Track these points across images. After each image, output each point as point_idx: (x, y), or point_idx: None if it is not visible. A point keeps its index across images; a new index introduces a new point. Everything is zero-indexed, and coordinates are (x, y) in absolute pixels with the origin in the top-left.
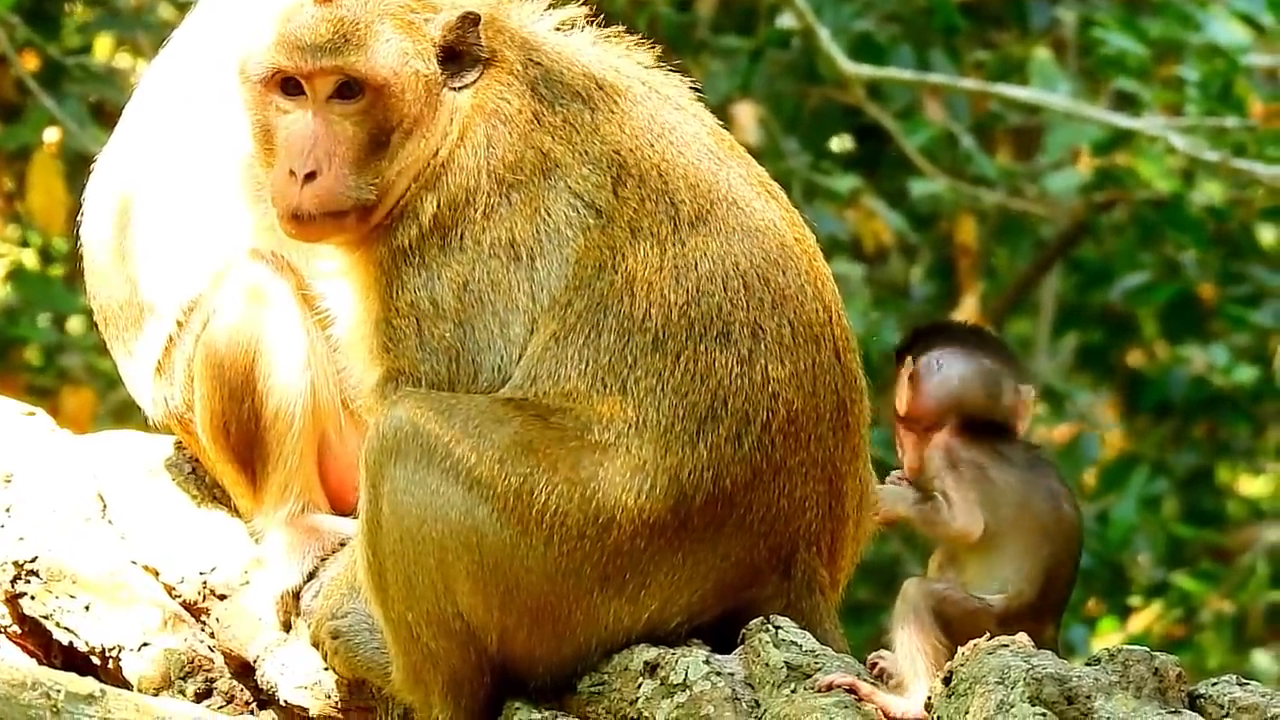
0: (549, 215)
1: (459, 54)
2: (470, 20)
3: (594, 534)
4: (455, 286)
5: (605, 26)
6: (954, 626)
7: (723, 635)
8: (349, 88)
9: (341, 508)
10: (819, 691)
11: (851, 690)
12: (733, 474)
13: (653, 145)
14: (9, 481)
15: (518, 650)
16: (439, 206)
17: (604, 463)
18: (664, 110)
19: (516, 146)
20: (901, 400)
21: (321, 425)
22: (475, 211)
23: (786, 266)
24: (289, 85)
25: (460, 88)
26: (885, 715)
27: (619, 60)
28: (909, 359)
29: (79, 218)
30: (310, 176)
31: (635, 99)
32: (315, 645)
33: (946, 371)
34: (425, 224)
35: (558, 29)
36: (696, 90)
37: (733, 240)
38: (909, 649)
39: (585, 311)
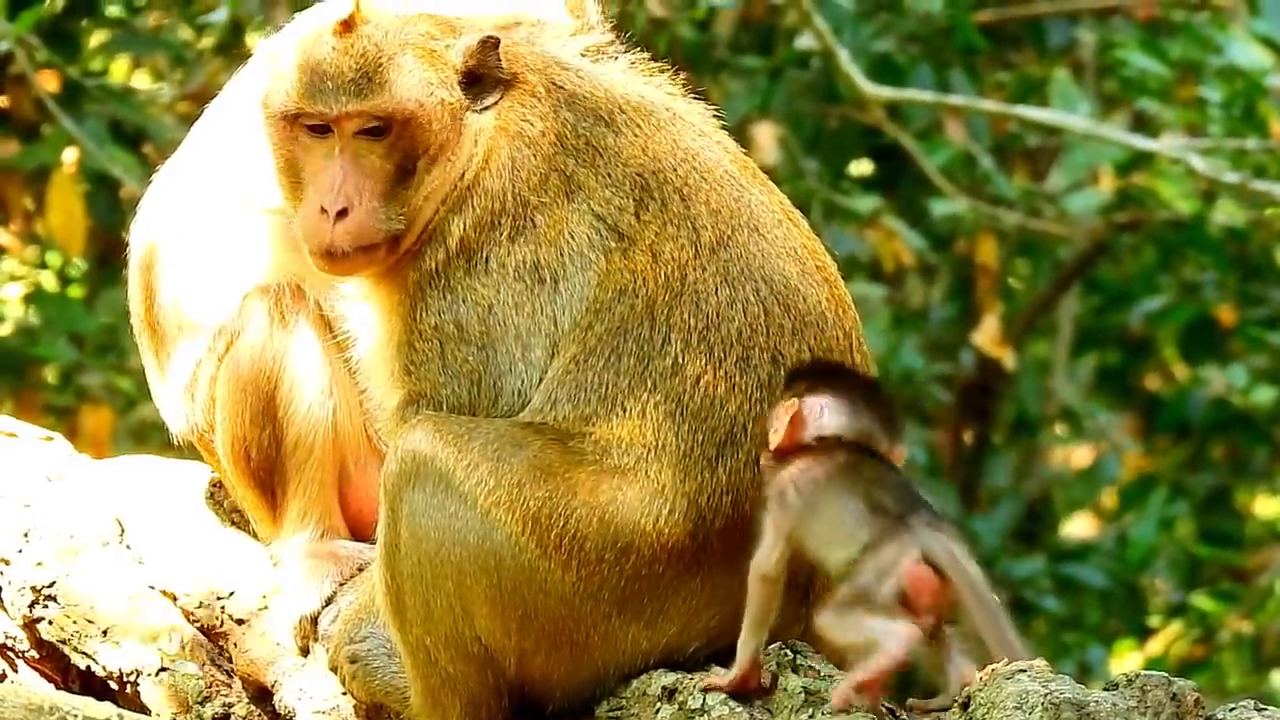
0: (572, 238)
1: (480, 77)
2: (491, 44)
3: (612, 558)
4: (480, 310)
5: (627, 48)
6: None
7: None
8: (376, 125)
9: (361, 533)
10: (836, 713)
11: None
12: (751, 499)
13: (675, 170)
14: (27, 507)
15: (535, 674)
16: (465, 229)
17: (623, 487)
18: (687, 135)
19: (540, 169)
20: (776, 433)
21: (342, 453)
22: (501, 234)
23: (807, 293)
24: (315, 124)
25: (483, 109)
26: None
27: (643, 86)
28: (794, 396)
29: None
30: (342, 214)
31: (658, 124)
32: (333, 669)
33: (825, 421)
34: (452, 247)
35: (583, 54)
36: (719, 116)
37: (753, 266)
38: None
39: (606, 335)
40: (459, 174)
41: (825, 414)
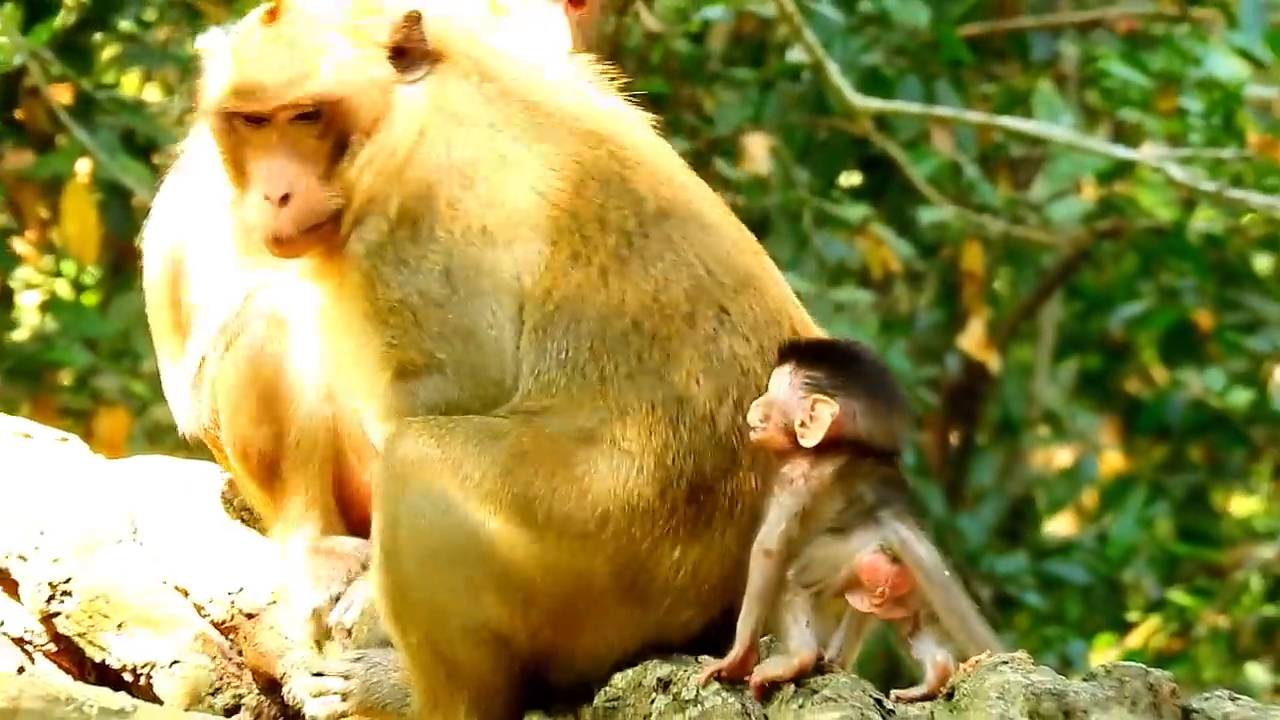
0: (516, 207)
1: (408, 51)
2: (414, 18)
3: (595, 529)
4: (437, 273)
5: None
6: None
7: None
8: (309, 111)
9: (366, 529)
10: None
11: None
12: (712, 460)
13: (606, 145)
14: (44, 505)
15: (546, 649)
16: (404, 198)
17: (593, 455)
18: (616, 119)
19: (473, 144)
20: (809, 430)
21: (342, 451)
22: (439, 203)
23: (745, 257)
24: (251, 116)
25: (413, 81)
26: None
27: (559, 66)
28: (821, 392)
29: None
30: (284, 199)
31: (587, 102)
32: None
33: (858, 426)
34: (392, 217)
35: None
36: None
37: (693, 232)
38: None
39: (564, 302)
40: (393, 146)
41: (858, 419)
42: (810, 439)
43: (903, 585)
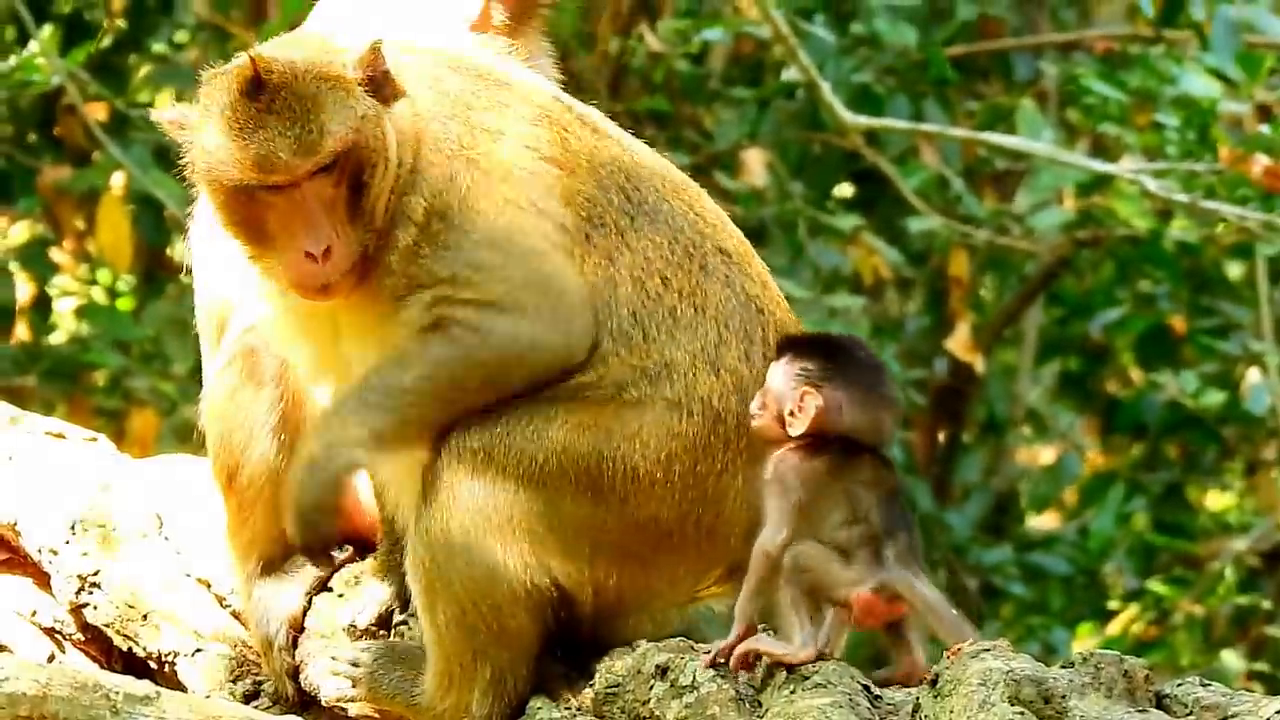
0: (522, 169)
1: (377, 78)
2: (376, 47)
3: (662, 476)
4: (482, 245)
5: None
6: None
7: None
8: (326, 165)
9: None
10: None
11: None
12: (751, 394)
13: (569, 110)
14: (74, 502)
15: (611, 599)
16: (425, 198)
17: (645, 413)
18: (541, 81)
19: (462, 129)
20: (796, 420)
21: None
22: (460, 188)
23: (722, 217)
24: (273, 186)
25: (393, 104)
26: (782, 662)
27: (478, 44)
28: (810, 382)
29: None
30: (326, 252)
31: (515, 69)
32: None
33: (842, 418)
34: (419, 219)
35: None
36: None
37: (670, 184)
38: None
39: (597, 269)
40: (396, 164)
41: (844, 411)
42: (796, 428)
43: (894, 615)
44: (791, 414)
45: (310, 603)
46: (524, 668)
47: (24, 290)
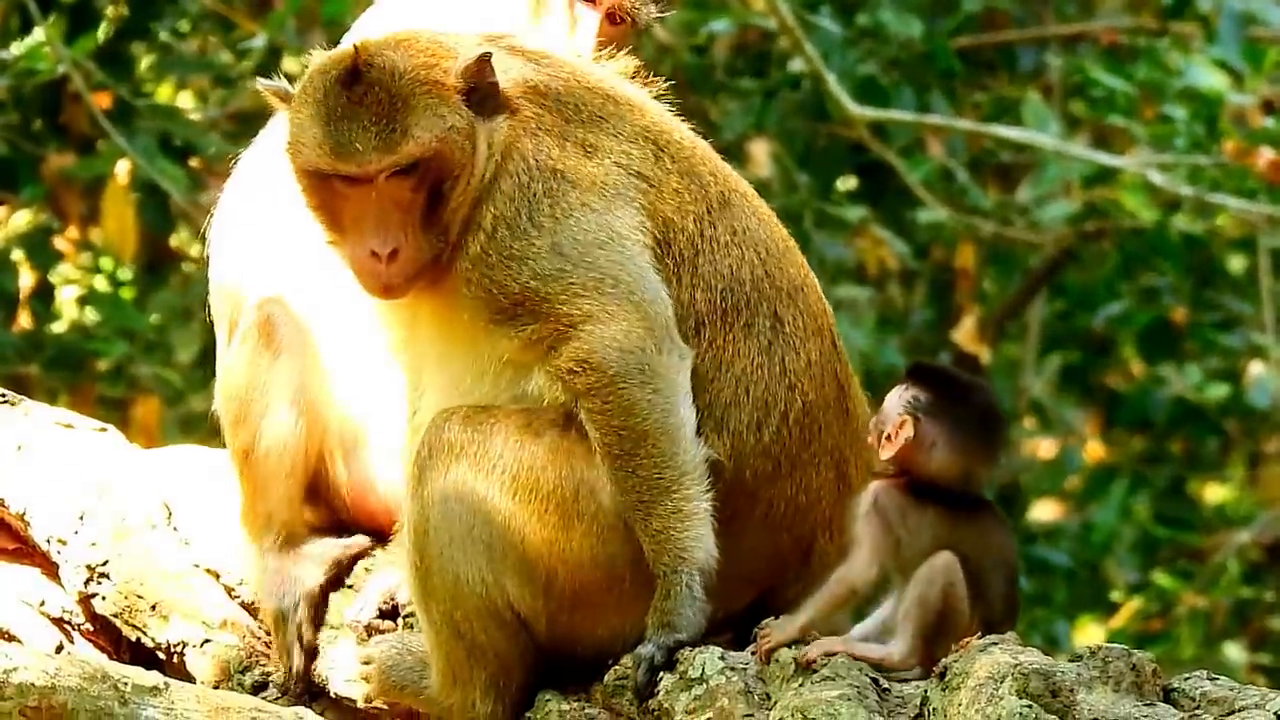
0: (606, 183)
1: (480, 89)
2: (485, 59)
3: (625, 525)
4: (547, 252)
5: (634, 69)
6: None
7: (748, 621)
8: (405, 168)
9: (359, 524)
10: (806, 665)
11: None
12: (753, 466)
13: (671, 134)
14: (83, 492)
15: (562, 633)
16: (496, 206)
17: None
18: (663, 113)
19: (558, 141)
20: (887, 446)
21: (325, 456)
22: (533, 197)
23: (793, 257)
24: (349, 177)
25: (490, 116)
26: (882, 664)
27: (600, 65)
28: (913, 410)
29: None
30: (392, 254)
31: (640, 100)
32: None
33: (931, 457)
34: (488, 227)
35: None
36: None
37: (753, 226)
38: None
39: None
40: (480, 177)
41: (935, 450)
42: (885, 452)
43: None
44: (889, 438)
45: (332, 582)
46: (518, 671)
47: (26, 279)
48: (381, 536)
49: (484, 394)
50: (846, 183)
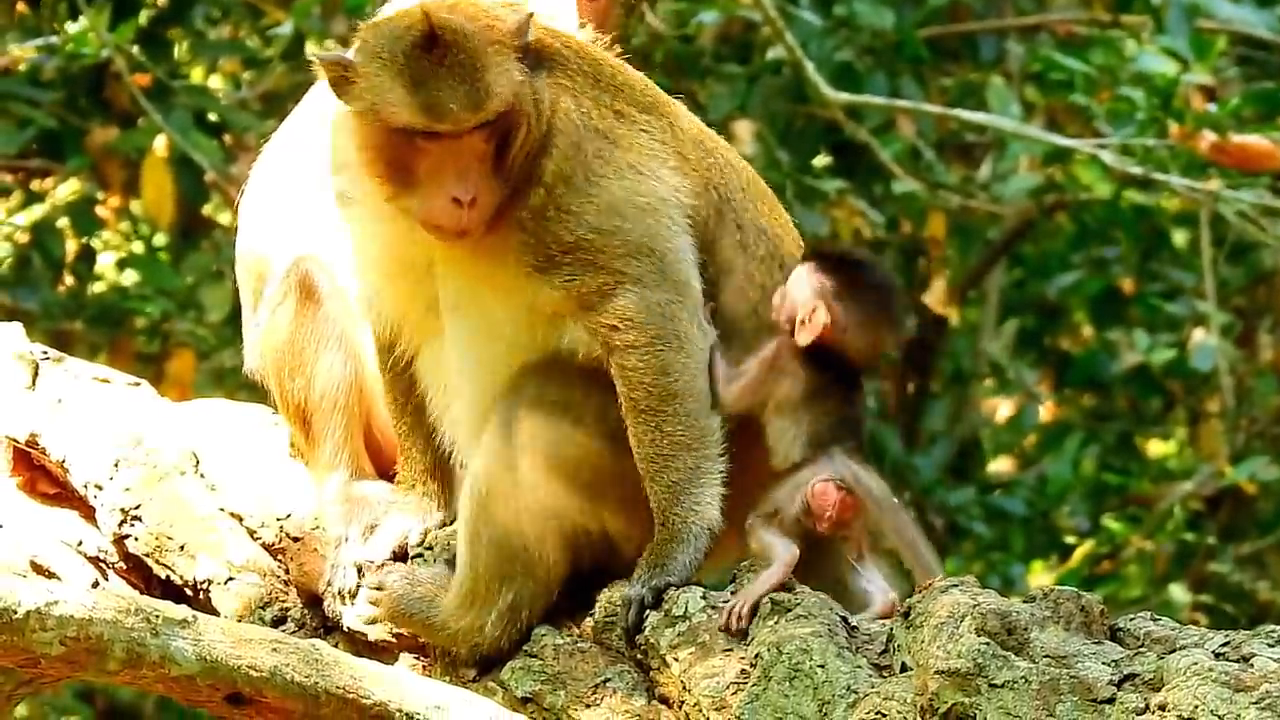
0: (646, 146)
1: (527, 48)
2: (530, 17)
3: None
4: (604, 209)
5: (626, 56)
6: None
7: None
8: (486, 122)
9: (386, 472)
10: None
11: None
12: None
13: (673, 106)
14: (117, 441)
15: (619, 533)
16: (555, 163)
17: None
18: (652, 84)
19: (594, 103)
20: (806, 329)
21: (368, 404)
22: (587, 156)
23: (793, 235)
24: (437, 133)
25: (537, 72)
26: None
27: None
28: (823, 298)
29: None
30: (472, 201)
31: (640, 76)
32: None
33: (846, 338)
34: (549, 181)
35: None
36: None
37: (767, 210)
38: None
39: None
40: (539, 130)
41: (848, 331)
42: (803, 338)
43: (847, 509)
44: (803, 322)
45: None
46: (542, 600)
47: (70, 245)
48: (389, 476)
49: (522, 345)
50: (824, 160)
